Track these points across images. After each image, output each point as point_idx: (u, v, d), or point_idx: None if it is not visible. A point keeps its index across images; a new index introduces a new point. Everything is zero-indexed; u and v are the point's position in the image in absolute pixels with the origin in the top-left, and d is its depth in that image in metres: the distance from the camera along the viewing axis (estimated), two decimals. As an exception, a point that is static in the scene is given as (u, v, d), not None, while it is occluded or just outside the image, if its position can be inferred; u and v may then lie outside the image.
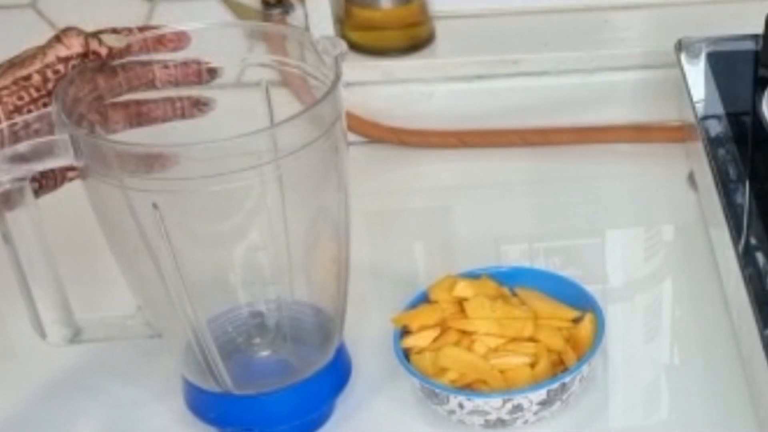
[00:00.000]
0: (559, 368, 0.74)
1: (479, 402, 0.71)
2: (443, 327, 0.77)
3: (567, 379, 0.72)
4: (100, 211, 0.68)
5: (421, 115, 1.05)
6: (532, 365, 0.74)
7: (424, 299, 0.79)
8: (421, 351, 0.76)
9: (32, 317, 0.71)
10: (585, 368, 0.73)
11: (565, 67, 1.03)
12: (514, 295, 0.79)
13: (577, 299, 0.78)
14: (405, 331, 0.77)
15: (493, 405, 0.71)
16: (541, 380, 0.73)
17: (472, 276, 0.80)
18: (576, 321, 0.77)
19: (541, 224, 0.97)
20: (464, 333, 0.76)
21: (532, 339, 0.75)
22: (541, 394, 0.71)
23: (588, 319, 0.76)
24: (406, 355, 0.75)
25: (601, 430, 0.75)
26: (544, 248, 0.92)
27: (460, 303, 0.77)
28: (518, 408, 0.71)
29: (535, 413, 0.72)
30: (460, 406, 0.72)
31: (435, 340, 0.76)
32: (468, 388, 0.73)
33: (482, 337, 0.75)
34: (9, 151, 0.63)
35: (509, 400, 0.71)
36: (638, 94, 1.03)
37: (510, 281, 0.80)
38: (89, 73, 0.66)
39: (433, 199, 1.01)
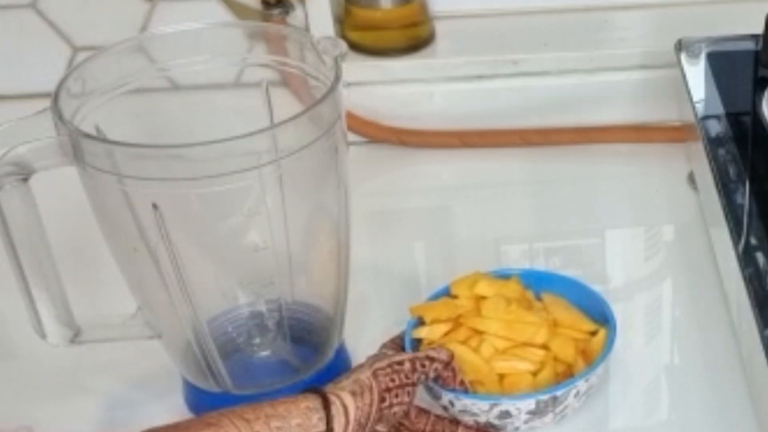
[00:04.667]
0: (566, 380, 0.73)
1: (467, 402, 0.71)
2: (456, 323, 0.76)
3: (559, 393, 0.70)
4: (100, 211, 0.68)
5: (421, 115, 1.05)
6: (535, 373, 0.73)
7: (446, 293, 0.78)
8: (431, 343, 0.75)
9: (32, 317, 0.71)
10: (581, 383, 0.71)
11: (565, 67, 1.03)
12: (539, 300, 0.79)
13: (601, 315, 0.76)
14: (421, 322, 0.76)
15: (481, 407, 0.71)
16: (541, 389, 0.72)
17: (503, 275, 0.79)
18: (594, 334, 0.76)
19: (541, 224, 0.96)
20: (476, 331, 0.75)
21: (544, 346, 0.74)
22: (529, 403, 0.70)
23: (602, 334, 0.75)
24: (417, 346, 0.75)
25: (601, 430, 0.75)
26: (545, 248, 0.92)
27: (479, 301, 0.77)
28: (506, 414, 0.71)
29: (525, 422, 0.71)
30: (450, 403, 0.72)
31: (446, 334, 0.75)
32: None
33: (491, 338, 0.74)
34: (10, 153, 0.64)
35: (496, 405, 0.70)
36: (638, 94, 1.03)
37: (539, 286, 0.79)
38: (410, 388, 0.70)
39: (433, 199, 1.01)
